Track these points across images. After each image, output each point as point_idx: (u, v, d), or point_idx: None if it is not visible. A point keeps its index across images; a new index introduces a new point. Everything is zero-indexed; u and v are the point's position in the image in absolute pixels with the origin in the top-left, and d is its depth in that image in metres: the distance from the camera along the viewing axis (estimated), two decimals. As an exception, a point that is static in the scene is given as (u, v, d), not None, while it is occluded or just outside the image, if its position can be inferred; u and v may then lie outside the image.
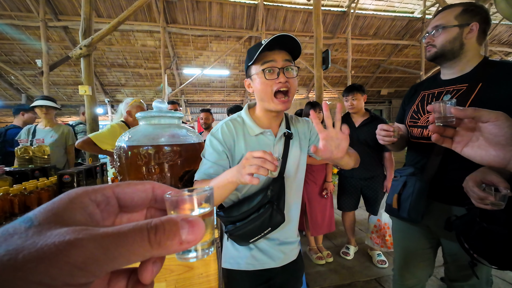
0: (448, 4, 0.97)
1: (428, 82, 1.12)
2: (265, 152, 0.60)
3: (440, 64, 1.03)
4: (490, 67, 0.91)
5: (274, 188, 0.82)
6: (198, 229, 0.18)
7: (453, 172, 0.95)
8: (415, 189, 0.99)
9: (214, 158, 0.81)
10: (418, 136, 1.05)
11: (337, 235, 2.77)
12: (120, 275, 0.20)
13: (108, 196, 0.20)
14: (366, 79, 9.88)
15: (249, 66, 0.84)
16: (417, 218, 0.99)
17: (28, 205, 1.03)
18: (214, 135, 0.85)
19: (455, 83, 0.97)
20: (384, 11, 7.36)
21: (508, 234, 0.66)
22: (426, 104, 1.04)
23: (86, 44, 2.68)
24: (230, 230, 0.82)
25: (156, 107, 1.14)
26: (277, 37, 0.75)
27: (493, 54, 8.55)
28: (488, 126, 0.41)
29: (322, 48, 3.81)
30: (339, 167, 0.96)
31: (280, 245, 0.92)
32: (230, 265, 0.91)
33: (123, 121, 2.05)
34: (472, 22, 0.90)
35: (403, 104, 1.21)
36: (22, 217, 0.16)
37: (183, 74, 8.18)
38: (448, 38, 0.93)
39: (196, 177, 0.82)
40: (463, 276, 1.03)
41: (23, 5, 5.58)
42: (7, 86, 7.55)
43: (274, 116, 0.89)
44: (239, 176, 0.63)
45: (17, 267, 0.13)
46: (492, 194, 0.67)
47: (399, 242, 1.19)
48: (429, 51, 1.00)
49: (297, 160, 0.92)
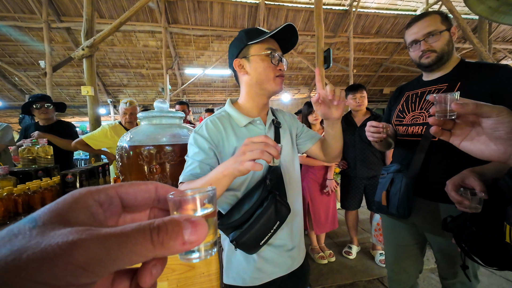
0: (420, 14, 1.03)
1: (412, 83, 1.18)
2: (266, 137, 0.56)
3: (436, 69, 1.04)
4: (467, 68, 0.98)
5: (273, 177, 0.78)
6: (201, 230, 0.18)
7: (436, 169, 0.98)
8: (402, 185, 1.02)
9: (200, 157, 0.75)
10: (403, 133, 1.10)
11: (339, 234, 2.76)
12: (124, 275, 0.20)
13: (111, 196, 0.20)
14: (368, 78, 9.84)
15: (248, 45, 0.80)
16: (405, 213, 1.01)
17: (31, 204, 1.04)
18: (199, 133, 0.79)
19: (437, 83, 1.03)
20: (386, 9, 7.32)
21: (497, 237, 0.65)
22: (411, 103, 1.10)
23: (89, 45, 2.70)
24: (235, 238, 0.72)
25: (158, 107, 1.14)
26: (286, 27, 0.76)
27: (497, 51, 8.48)
28: (489, 121, 0.40)
29: (323, 47, 3.80)
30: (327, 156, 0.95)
31: (289, 251, 0.86)
32: (234, 280, 0.83)
33: (120, 122, 2.15)
34: (451, 26, 0.98)
35: (389, 105, 1.28)
36: (27, 218, 0.16)
37: (185, 74, 8.20)
38: (445, 41, 0.98)
39: (181, 179, 0.74)
40: (453, 273, 1.05)
41: (26, 7, 5.63)
42: (11, 87, 7.63)
43: (265, 103, 0.87)
44: (237, 166, 0.56)
45: (21, 267, 0.13)
46: (468, 198, 0.67)
47: (388, 238, 1.23)
48: (429, 57, 1.00)
49: (291, 149, 0.91)
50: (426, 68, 1.04)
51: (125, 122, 2.11)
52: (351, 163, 2.19)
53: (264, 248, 0.81)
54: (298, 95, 9.85)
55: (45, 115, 2.14)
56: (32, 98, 2.14)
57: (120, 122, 2.13)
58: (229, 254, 0.85)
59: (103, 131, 2.02)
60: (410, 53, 1.07)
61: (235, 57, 0.83)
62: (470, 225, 0.74)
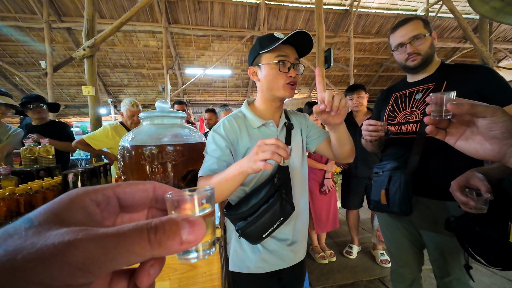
0: (404, 19, 1.07)
1: (399, 85, 1.22)
2: (277, 139, 0.61)
3: (420, 70, 1.08)
4: (449, 69, 1.05)
5: (280, 176, 0.82)
6: (199, 229, 0.18)
7: (432, 167, 1.00)
8: (402, 183, 1.02)
9: (217, 154, 0.81)
10: (397, 132, 1.13)
11: (340, 234, 2.76)
12: (122, 276, 0.20)
13: (109, 196, 0.20)
14: (368, 78, 9.82)
15: (260, 54, 0.84)
16: (407, 210, 1.02)
17: (33, 204, 1.04)
18: (217, 131, 0.86)
19: (424, 83, 1.08)
20: (387, 9, 7.30)
21: (501, 237, 0.64)
22: (401, 103, 1.14)
23: (89, 45, 2.70)
24: (241, 228, 0.79)
25: (159, 107, 1.14)
26: (296, 33, 0.78)
27: (498, 51, 8.44)
28: (484, 121, 0.40)
29: (324, 47, 3.79)
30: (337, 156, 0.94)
31: (290, 245, 0.91)
32: (239, 268, 0.90)
33: (121, 122, 2.14)
34: (432, 32, 1.04)
35: (377, 106, 1.31)
36: (23, 218, 0.16)
37: (185, 74, 8.20)
38: (428, 45, 1.03)
39: (201, 174, 0.81)
40: (449, 271, 1.05)
41: (27, 7, 5.65)
42: (12, 88, 7.65)
43: (277, 107, 0.91)
44: (251, 164, 0.62)
45: (17, 267, 0.13)
46: (473, 199, 0.66)
47: (387, 235, 1.26)
48: (415, 59, 1.05)
49: (300, 150, 0.94)
50: (411, 70, 1.08)
51: (131, 123, 2.10)
52: (352, 163, 2.19)
53: (269, 240, 0.88)
54: (299, 94, 9.84)
55: (38, 115, 2.17)
56: (26, 98, 2.16)
57: (122, 123, 2.12)
58: (236, 244, 0.91)
59: (104, 131, 2.01)
60: (396, 55, 1.11)
61: (250, 65, 0.90)
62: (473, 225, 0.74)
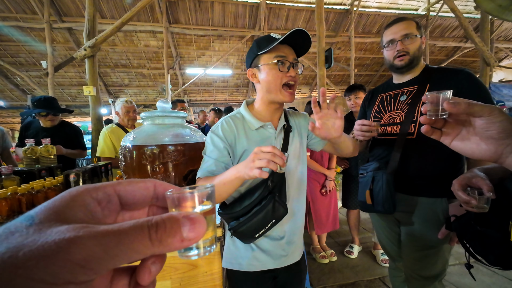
0: (399, 17, 1.10)
1: (383, 86, 1.26)
2: (274, 147, 0.62)
3: (406, 71, 1.11)
4: (432, 72, 1.08)
5: (275, 179, 0.82)
6: (200, 227, 0.18)
7: (412, 164, 1.04)
8: (384, 182, 1.04)
9: (215, 155, 0.81)
10: (381, 133, 1.15)
11: (340, 234, 2.75)
12: (123, 273, 0.20)
13: (110, 194, 0.20)
14: (369, 77, 9.80)
15: (258, 55, 0.84)
16: (390, 209, 1.04)
17: (35, 204, 1.05)
18: (215, 132, 0.85)
19: (408, 85, 1.12)
20: (388, 9, 7.28)
21: (502, 237, 0.64)
22: (386, 104, 1.18)
23: (90, 45, 2.70)
24: (234, 227, 0.80)
25: (160, 107, 1.14)
26: (294, 32, 0.77)
27: (499, 51, 8.41)
28: (481, 121, 0.40)
29: (325, 46, 3.79)
30: (341, 155, 0.97)
31: (284, 245, 0.91)
32: (231, 265, 0.90)
33: (117, 123, 2.12)
34: (422, 35, 1.07)
35: (364, 105, 1.34)
36: (24, 215, 0.16)
37: (186, 74, 8.21)
38: (417, 46, 1.06)
39: (199, 175, 0.81)
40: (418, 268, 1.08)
41: (28, 7, 5.66)
42: (13, 88, 7.67)
43: (276, 108, 0.90)
44: (247, 171, 0.63)
45: (18, 264, 0.13)
46: (475, 197, 0.66)
47: (380, 233, 1.29)
48: (402, 59, 1.07)
49: (298, 153, 0.93)
50: (398, 69, 1.11)
51: (129, 119, 2.10)
52: (353, 162, 2.19)
53: (263, 239, 0.88)
54: (299, 94, 9.83)
55: (51, 122, 2.12)
56: (36, 102, 2.05)
57: (118, 124, 2.11)
58: (229, 241, 0.91)
59: (105, 138, 1.98)
60: (385, 52, 1.13)
61: (249, 67, 0.89)
62: (474, 225, 0.73)
